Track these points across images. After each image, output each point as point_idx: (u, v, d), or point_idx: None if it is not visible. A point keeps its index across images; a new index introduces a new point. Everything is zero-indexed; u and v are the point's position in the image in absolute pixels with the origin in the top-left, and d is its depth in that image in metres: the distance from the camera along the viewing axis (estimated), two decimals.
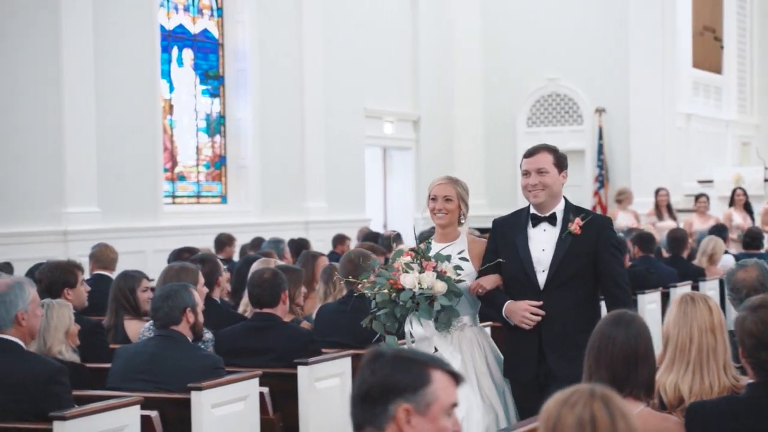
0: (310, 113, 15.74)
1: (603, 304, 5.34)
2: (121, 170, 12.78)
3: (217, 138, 14.83)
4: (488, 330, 5.78)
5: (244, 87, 14.83)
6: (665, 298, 9.80)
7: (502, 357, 5.32)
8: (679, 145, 18.70)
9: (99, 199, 12.46)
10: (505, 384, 5.26)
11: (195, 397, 5.03)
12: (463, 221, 5.32)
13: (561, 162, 5.21)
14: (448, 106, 18.81)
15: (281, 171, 15.29)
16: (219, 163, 14.85)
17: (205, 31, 14.59)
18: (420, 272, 4.99)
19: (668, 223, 14.62)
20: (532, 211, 5.21)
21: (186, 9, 14.29)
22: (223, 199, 14.91)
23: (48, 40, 11.85)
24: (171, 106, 14.09)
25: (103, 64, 12.46)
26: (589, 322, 4.79)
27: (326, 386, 5.71)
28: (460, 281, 5.05)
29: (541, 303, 5.08)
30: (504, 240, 5.21)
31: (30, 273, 7.60)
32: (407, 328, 5.03)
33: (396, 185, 18.31)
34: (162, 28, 13.68)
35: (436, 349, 5.03)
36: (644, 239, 10.63)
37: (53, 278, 6.36)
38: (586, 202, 18.17)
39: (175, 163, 14.20)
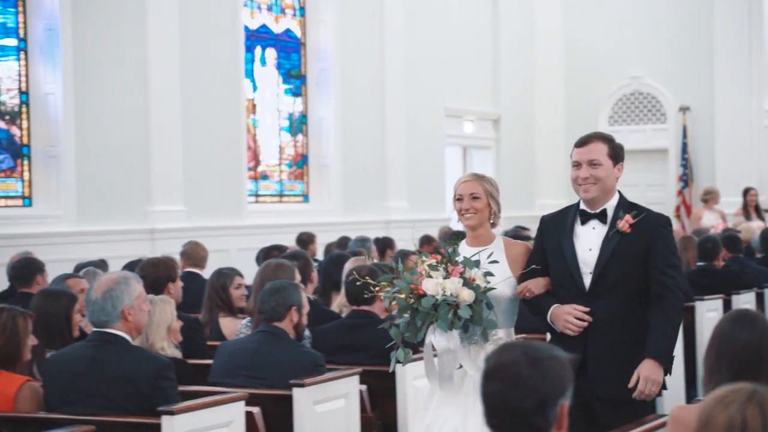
0: (391, 112, 15.72)
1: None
2: (206, 169, 12.87)
3: (300, 137, 14.88)
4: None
5: (326, 86, 14.86)
6: (760, 298, 9.60)
7: None
8: (766, 144, 18.31)
9: (185, 198, 12.58)
10: None
11: (297, 393, 5.02)
12: (494, 221, 4.84)
13: (617, 153, 4.67)
14: (529, 104, 18.66)
15: (362, 170, 15.29)
16: (301, 162, 14.90)
17: (288, 30, 14.65)
18: (444, 277, 4.49)
19: (757, 224, 14.32)
20: (582, 207, 4.72)
21: (269, 9, 14.37)
22: (305, 198, 14.96)
23: (135, 40, 11.98)
24: (254, 106, 14.17)
25: (188, 64, 12.57)
26: (636, 334, 4.57)
27: (424, 384, 5.66)
28: (489, 289, 4.51)
29: (588, 309, 4.59)
30: (551, 239, 4.76)
31: (127, 270, 7.68)
32: (428, 339, 4.53)
33: None
34: (245, 28, 13.76)
35: (460, 366, 4.58)
36: (732, 240, 10.40)
37: (157, 274, 6.41)
38: (670, 201, 17.90)
39: (257, 162, 14.28)
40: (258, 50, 14.21)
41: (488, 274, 4.54)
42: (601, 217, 4.65)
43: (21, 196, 11.33)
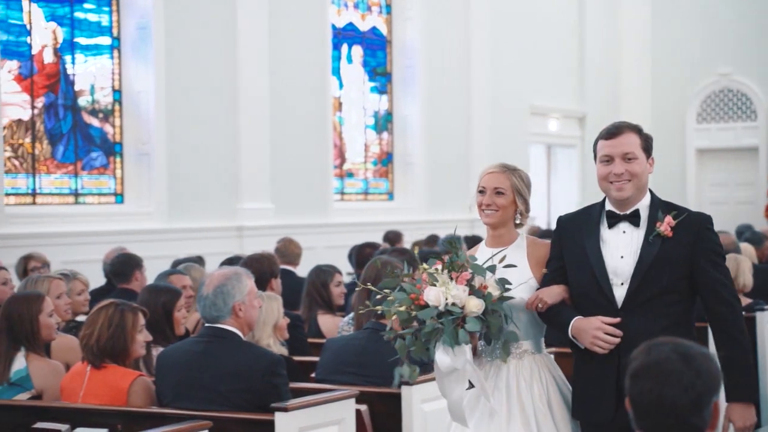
0: (475, 110, 15.63)
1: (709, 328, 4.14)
2: (293, 167, 12.91)
3: (385, 135, 14.85)
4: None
5: (412, 84, 14.81)
6: None
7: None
8: None
9: (272, 196, 12.62)
10: (575, 428, 4.15)
11: (405, 392, 4.96)
12: (520, 221, 4.26)
13: (649, 145, 4.09)
14: (615, 102, 18.40)
15: (447, 168, 15.21)
16: (386, 160, 14.87)
17: (374, 28, 14.63)
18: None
19: None
20: (608, 207, 4.06)
21: (356, 6, 14.36)
22: (390, 196, 14.92)
23: (224, 38, 12.06)
24: (340, 104, 14.17)
25: (276, 62, 12.61)
26: None
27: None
28: (506, 298, 3.96)
29: (618, 320, 3.95)
30: (571, 243, 4.10)
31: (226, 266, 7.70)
32: (432, 354, 3.95)
33: (560, 184, 18.01)
34: (332, 26, 13.77)
35: (471, 385, 3.99)
36: None
37: (261, 269, 6.40)
38: (760, 200, 17.52)
39: (343, 160, 14.28)
40: (344, 48, 14.21)
41: (504, 281, 3.96)
42: (633, 219, 4.01)
43: (113, 193, 11.47)
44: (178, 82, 11.57)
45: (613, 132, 4.03)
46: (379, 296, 4.09)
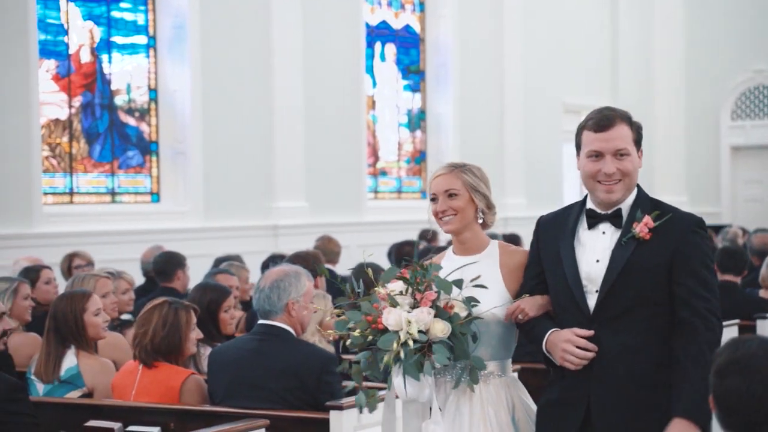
0: (508, 108, 15.56)
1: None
2: (327, 166, 12.88)
3: (418, 133, 14.80)
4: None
5: (445, 82, 14.76)
6: None
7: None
8: None
9: (306, 195, 12.61)
10: None
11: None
12: (484, 220, 3.83)
13: (640, 136, 3.64)
14: (648, 100, 18.25)
15: (481, 166, 15.09)
16: (419, 158, 14.83)
17: (407, 26, 14.59)
18: (413, 306, 3.53)
19: None
20: (590, 205, 3.64)
21: (389, 4, 14.33)
22: (423, 194, 14.87)
23: (259, 37, 12.05)
24: (373, 102, 14.14)
25: (310, 61, 12.59)
26: (657, 374, 3.49)
27: None
28: (473, 319, 3.56)
29: (591, 333, 3.51)
30: (549, 247, 3.69)
31: (265, 265, 7.69)
32: (393, 379, 3.54)
33: None
34: (365, 24, 13.74)
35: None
36: None
37: (307, 267, 6.32)
38: None
39: (376, 159, 14.25)
40: (378, 46, 14.18)
41: (472, 300, 3.58)
42: (615, 219, 3.59)
43: (149, 192, 11.48)
44: (214, 81, 11.57)
45: (603, 124, 3.54)
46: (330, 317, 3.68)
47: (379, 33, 14.17)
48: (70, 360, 5.11)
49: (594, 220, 3.60)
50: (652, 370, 3.48)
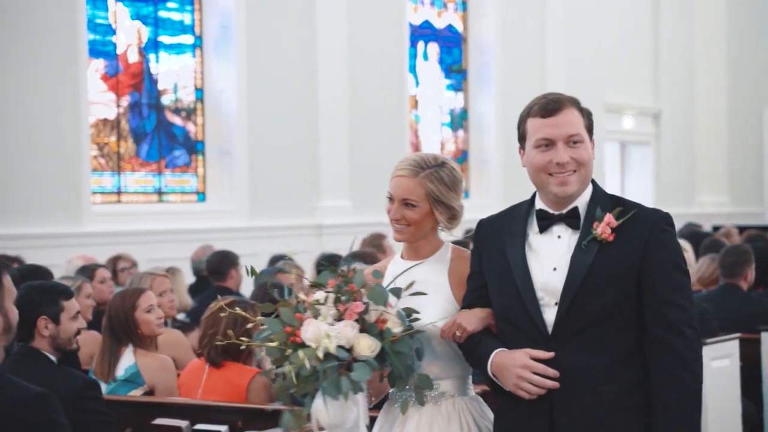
0: None
1: None
2: (370, 165, 12.87)
3: (460, 133, 14.77)
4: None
5: (487, 81, 14.72)
6: None
7: None
8: None
9: (350, 194, 12.61)
10: None
11: None
12: (442, 230, 3.41)
13: (591, 123, 3.20)
14: (691, 98, 18.13)
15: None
16: (461, 157, 14.79)
17: (450, 25, 14.56)
18: (337, 318, 3.08)
19: None
20: (539, 206, 3.18)
21: (432, 3, 14.31)
22: (465, 193, 14.83)
23: (304, 37, 12.05)
24: (416, 101, 14.12)
25: (355, 60, 12.59)
26: (630, 396, 3.05)
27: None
28: (413, 333, 3.11)
29: (551, 355, 3.03)
30: (493, 254, 3.21)
31: (318, 265, 7.68)
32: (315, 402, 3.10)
33: (634, 182, 17.80)
34: (409, 23, 13.73)
35: None
36: None
37: (366, 264, 6.37)
38: None
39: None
40: (420, 45, 14.16)
41: (412, 312, 3.13)
42: (570, 219, 3.12)
43: (195, 191, 11.53)
44: (259, 80, 11.60)
45: (552, 108, 3.10)
46: (251, 324, 3.29)
47: (421, 32, 14.15)
48: (128, 358, 5.13)
49: (546, 221, 3.13)
50: (623, 393, 3.03)
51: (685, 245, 7.55)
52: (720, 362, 5.81)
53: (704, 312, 5.81)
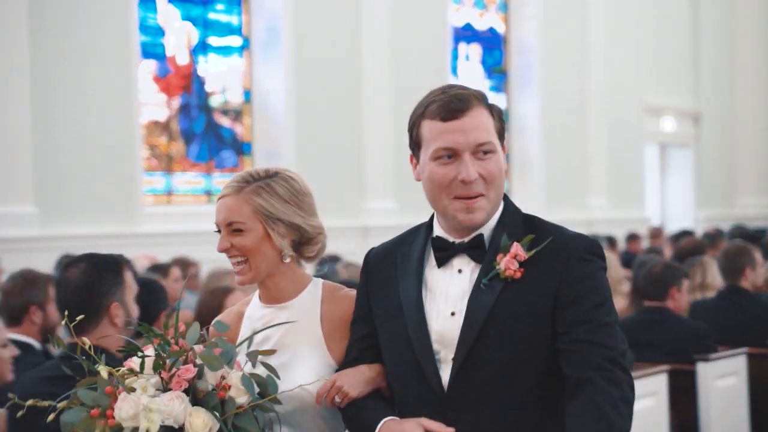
0: (591, 108, 15.45)
1: None
2: None
3: None
4: None
5: (529, 82, 14.69)
6: None
7: None
8: None
9: (396, 195, 12.59)
10: None
11: None
12: (288, 258, 2.65)
13: (503, 125, 2.50)
14: (731, 99, 18.05)
15: (563, 167, 15.05)
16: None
17: (491, 27, 14.53)
18: (159, 390, 2.34)
19: None
20: (438, 232, 2.52)
21: (474, 4, 14.28)
22: (507, 195, 14.80)
23: (349, 39, 12.06)
24: None
25: (399, 62, 12.59)
26: None
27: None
28: (266, 402, 2.39)
29: (452, 430, 2.38)
30: (383, 294, 2.56)
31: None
32: None
33: (674, 185, 17.72)
34: (451, 25, 13.72)
35: None
36: None
37: None
38: None
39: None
40: (462, 46, 14.14)
41: (270, 369, 2.42)
42: (474, 250, 2.46)
43: None
44: (306, 81, 11.60)
45: (455, 107, 2.40)
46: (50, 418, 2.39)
47: (463, 34, 14.13)
48: None
49: (445, 253, 2.47)
50: None
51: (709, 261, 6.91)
52: (725, 380, 5.42)
53: (698, 330, 5.50)
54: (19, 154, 9.07)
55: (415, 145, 2.50)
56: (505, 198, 2.53)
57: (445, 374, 2.40)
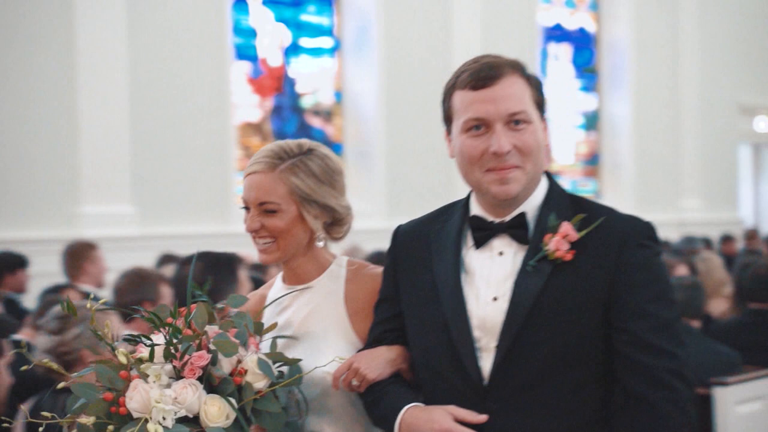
0: (684, 108, 15.20)
1: None
2: None
3: (592, 134, 14.58)
4: None
5: (620, 82, 14.51)
6: None
7: None
8: None
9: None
10: None
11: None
12: (322, 239, 2.55)
13: (542, 96, 2.36)
14: None
15: (655, 168, 14.84)
16: (593, 160, 14.60)
17: (581, 27, 14.40)
18: (173, 378, 2.24)
19: None
20: (475, 211, 2.37)
21: (564, 3, 14.17)
22: (598, 196, 14.64)
23: (440, 40, 12.04)
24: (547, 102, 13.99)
25: None
26: None
27: None
28: (287, 384, 2.30)
29: (484, 418, 2.21)
30: (412, 275, 2.40)
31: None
32: None
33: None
34: (541, 25, 13.62)
35: None
36: None
37: None
38: None
39: (550, 160, 14.11)
40: (552, 46, 14.03)
41: (277, 357, 2.32)
42: (516, 230, 2.29)
43: None
44: (396, 82, 11.62)
45: (486, 75, 2.30)
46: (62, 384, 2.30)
47: (553, 33, 14.02)
48: None
49: (484, 233, 2.30)
50: None
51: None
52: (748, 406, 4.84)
53: (715, 346, 5.01)
54: (118, 156, 9.24)
55: (447, 118, 2.40)
56: (549, 176, 2.36)
57: (486, 364, 2.23)
